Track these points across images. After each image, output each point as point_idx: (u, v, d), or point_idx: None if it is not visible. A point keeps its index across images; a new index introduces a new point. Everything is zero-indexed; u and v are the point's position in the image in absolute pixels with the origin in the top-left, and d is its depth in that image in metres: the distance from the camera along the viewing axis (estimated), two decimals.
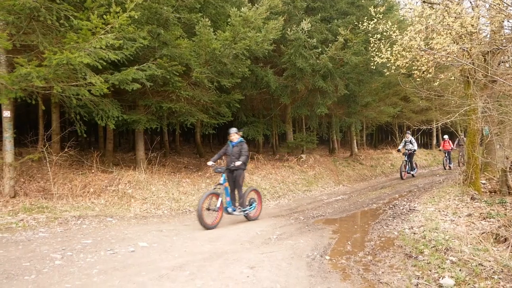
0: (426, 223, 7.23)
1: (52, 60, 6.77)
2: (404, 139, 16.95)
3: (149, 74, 9.04)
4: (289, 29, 12.73)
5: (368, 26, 11.64)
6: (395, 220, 8.13)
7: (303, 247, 6.17)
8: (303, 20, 12.76)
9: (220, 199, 7.66)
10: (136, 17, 7.62)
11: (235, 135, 8.35)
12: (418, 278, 4.60)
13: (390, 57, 11.06)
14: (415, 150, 16.54)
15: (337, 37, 13.30)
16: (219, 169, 8.01)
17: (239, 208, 8.12)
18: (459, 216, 7.61)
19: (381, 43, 11.79)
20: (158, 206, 8.96)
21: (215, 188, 7.85)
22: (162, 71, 9.42)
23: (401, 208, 9.45)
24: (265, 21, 10.99)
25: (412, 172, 16.94)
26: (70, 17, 7.47)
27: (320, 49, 13.20)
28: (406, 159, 16.61)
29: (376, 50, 11.98)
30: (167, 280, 4.35)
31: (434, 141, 30.19)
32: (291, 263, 5.29)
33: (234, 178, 8.22)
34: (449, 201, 9.20)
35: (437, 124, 13.53)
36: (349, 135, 22.88)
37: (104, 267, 4.71)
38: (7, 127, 8.12)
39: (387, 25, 9.97)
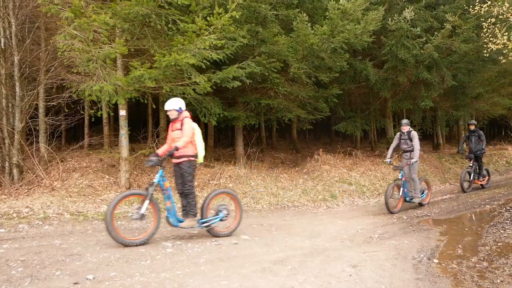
0: None
1: (161, 62, 7.29)
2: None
3: (248, 71, 9.30)
4: (390, 19, 12.12)
5: (481, 10, 10.65)
6: None
7: (407, 248, 5.85)
8: (406, 8, 12.05)
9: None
10: (237, 17, 7.86)
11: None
12: None
13: (507, 43, 10.01)
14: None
15: (444, 24, 12.35)
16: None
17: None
18: None
19: (496, 28, 10.72)
20: (258, 200, 9.17)
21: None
22: (260, 68, 9.61)
23: None
24: (364, 12, 10.61)
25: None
26: (177, 21, 7.97)
27: (424, 38, 12.38)
28: None
29: (490, 36, 10.91)
30: (270, 274, 4.42)
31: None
32: (395, 264, 5.05)
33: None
34: None
35: None
36: (456, 129, 21.17)
37: (210, 257, 4.95)
38: (123, 124, 8.93)
39: (503, 7, 8.98)
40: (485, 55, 11.79)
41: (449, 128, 21.55)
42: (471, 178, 11.69)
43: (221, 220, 6.12)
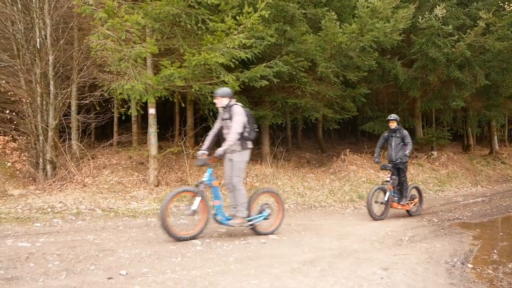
0: None
1: (191, 61, 7.37)
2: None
3: (276, 70, 9.28)
4: (420, 17, 11.90)
5: None
6: None
7: (439, 252, 5.72)
8: (437, 5, 11.79)
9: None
10: (266, 16, 7.85)
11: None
12: None
13: None
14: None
15: (477, 21, 12.03)
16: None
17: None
18: None
19: None
20: (284, 200, 9.14)
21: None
22: (288, 68, 9.58)
23: None
24: (394, 10, 10.42)
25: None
26: (207, 20, 8.02)
27: (456, 36, 12.07)
28: None
29: None
30: (300, 274, 4.40)
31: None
32: (427, 268, 4.94)
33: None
34: None
35: None
36: (488, 130, 20.56)
37: (239, 256, 4.96)
38: (152, 123, 9.06)
39: None
40: None
41: (481, 129, 20.96)
42: (386, 198, 8.03)
43: None
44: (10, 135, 8.87)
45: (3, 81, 8.39)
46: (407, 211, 8.54)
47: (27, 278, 3.90)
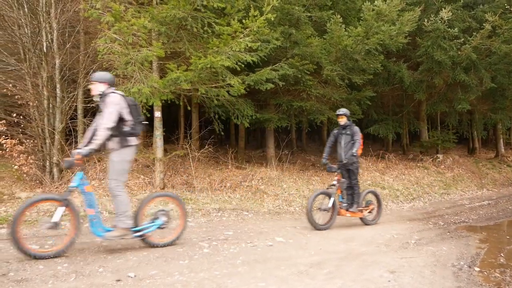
0: None
1: (197, 65, 7.40)
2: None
3: (281, 73, 9.30)
4: (425, 20, 11.88)
5: None
6: None
7: (446, 255, 5.70)
8: (443, 8, 11.78)
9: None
10: (272, 19, 7.88)
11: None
12: None
13: None
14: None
15: (483, 24, 12.00)
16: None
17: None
18: None
19: None
20: (290, 203, 9.15)
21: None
22: (293, 71, 9.60)
23: None
24: (399, 13, 10.44)
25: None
26: (213, 23, 8.06)
27: (462, 39, 12.06)
28: None
29: None
30: (307, 277, 4.40)
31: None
32: (434, 271, 4.92)
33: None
34: None
35: None
36: (493, 133, 20.48)
37: (246, 259, 4.97)
38: (158, 126, 9.09)
39: None
40: None
41: (486, 132, 20.88)
42: (330, 205, 6.99)
43: None
44: (17, 138, 8.90)
45: (10, 85, 8.44)
46: (361, 219, 7.62)
47: (36, 280, 3.93)
